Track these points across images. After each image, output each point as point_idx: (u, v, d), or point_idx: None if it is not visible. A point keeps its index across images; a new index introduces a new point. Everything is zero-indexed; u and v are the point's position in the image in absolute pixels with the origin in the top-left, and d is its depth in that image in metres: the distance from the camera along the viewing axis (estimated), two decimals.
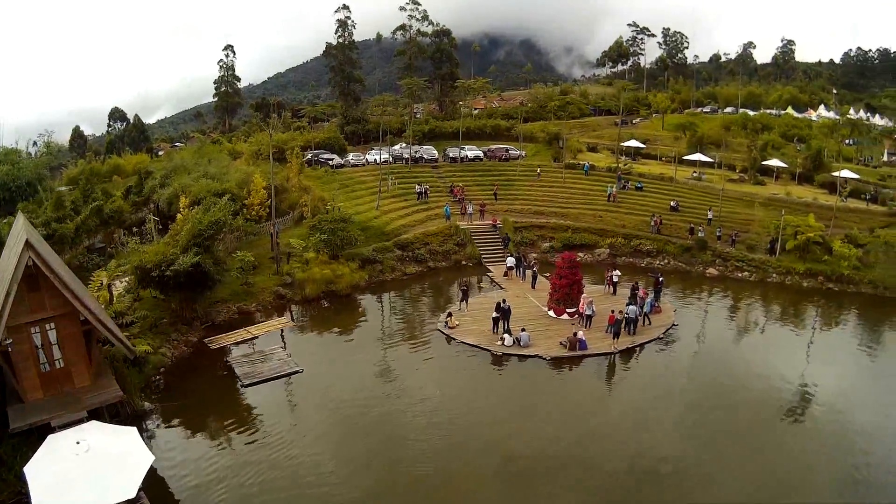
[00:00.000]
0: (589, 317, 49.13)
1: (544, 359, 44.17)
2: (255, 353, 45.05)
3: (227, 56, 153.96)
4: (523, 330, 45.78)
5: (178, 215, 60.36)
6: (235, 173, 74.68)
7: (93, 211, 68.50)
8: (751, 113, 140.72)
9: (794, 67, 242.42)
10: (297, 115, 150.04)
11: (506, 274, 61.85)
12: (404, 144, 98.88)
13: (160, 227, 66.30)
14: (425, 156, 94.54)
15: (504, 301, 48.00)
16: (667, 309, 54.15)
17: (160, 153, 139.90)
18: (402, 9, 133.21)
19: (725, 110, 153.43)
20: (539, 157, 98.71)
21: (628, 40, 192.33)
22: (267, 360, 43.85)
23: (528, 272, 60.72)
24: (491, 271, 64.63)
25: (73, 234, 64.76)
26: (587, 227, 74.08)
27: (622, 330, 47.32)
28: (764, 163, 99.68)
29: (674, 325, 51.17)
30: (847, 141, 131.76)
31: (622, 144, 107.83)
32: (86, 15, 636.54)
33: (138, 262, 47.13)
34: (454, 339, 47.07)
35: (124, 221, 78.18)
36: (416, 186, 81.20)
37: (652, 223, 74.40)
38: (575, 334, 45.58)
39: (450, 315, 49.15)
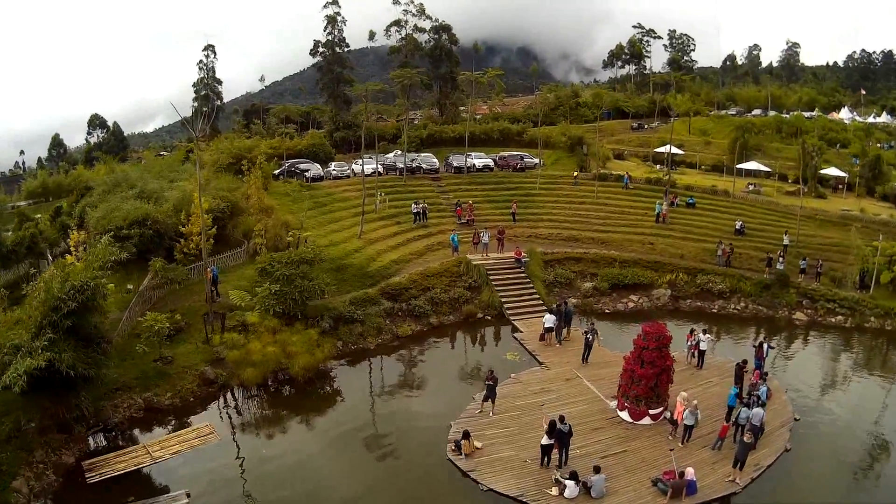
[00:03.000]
0: (689, 428, 28.17)
1: None
2: None
3: (207, 57, 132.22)
4: (597, 471, 24.49)
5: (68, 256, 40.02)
6: (173, 191, 53.48)
7: None
8: (784, 115, 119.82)
9: (803, 70, 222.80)
10: (288, 120, 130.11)
11: (542, 338, 40.31)
12: (399, 152, 77.70)
13: None
14: (424, 165, 73.43)
15: (563, 419, 26.45)
16: (775, 391, 33.32)
17: (143, 162, 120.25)
18: (396, 2, 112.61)
19: (753, 112, 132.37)
20: (560, 166, 77.76)
21: (627, 46, 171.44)
22: None
23: (566, 328, 41.05)
24: (520, 331, 43.02)
25: None
26: (637, 259, 53.06)
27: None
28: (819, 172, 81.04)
29: (795, 419, 31.22)
30: (879, 144, 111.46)
31: (656, 150, 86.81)
32: (82, 22, 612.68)
33: None
34: (477, 481, 25.68)
35: (41, 253, 57.56)
36: (413, 205, 59.76)
37: (719, 252, 54.18)
38: (681, 474, 24.40)
39: (465, 437, 27.46)
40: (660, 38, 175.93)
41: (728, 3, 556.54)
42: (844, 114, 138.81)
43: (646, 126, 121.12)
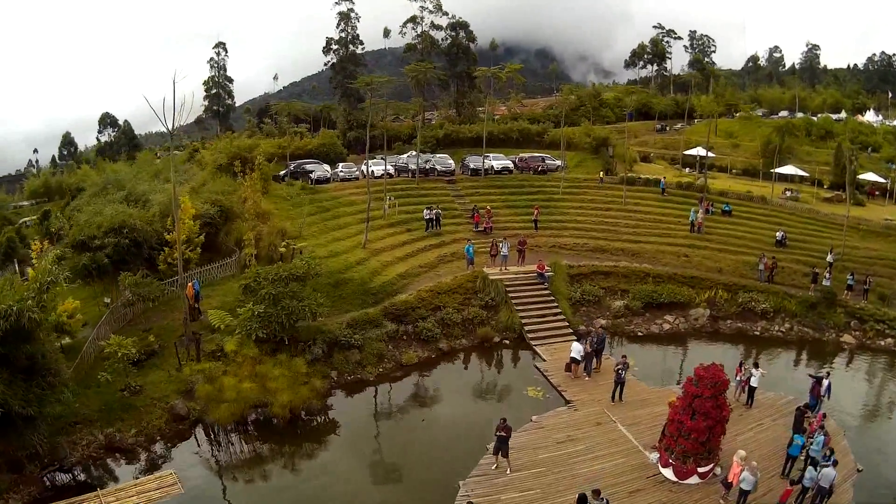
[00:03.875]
0: (745, 493, 22.30)
1: None
2: None
3: (217, 54, 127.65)
4: None
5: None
6: (160, 194, 48.17)
7: None
8: (813, 118, 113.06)
9: (825, 72, 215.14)
10: (300, 119, 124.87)
11: (569, 368, 34.19)
12: (413, 153, 72.07)
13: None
14: (438, 167, 66.97)
15: (598, 494, 20.60)
16: (833, 435, 26.86)
17: (157, 161, 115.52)
18: None
19: (780, 114, 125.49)
20: (584, 169, 71.67)
21: (650, 45, 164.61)
22: None
23: (596, 359, 34.67)
24: (543, 359, 36.72)
25: None
26: (672, 274, 46.83)
27: None
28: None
29: (858, 470, 25.77)
30: None
31: (685, 153, 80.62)
32: (98, 22, 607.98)
33: None
34: None
35: (22, 260, 52.61)
36: (425, 211, 53.51)
37: (760, 266, 48.04)
38: None
39: None
40: (680, 38, 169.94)
41: (744, 5, 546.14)
42: (870, 116, 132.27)
43: (668, 128, 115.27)
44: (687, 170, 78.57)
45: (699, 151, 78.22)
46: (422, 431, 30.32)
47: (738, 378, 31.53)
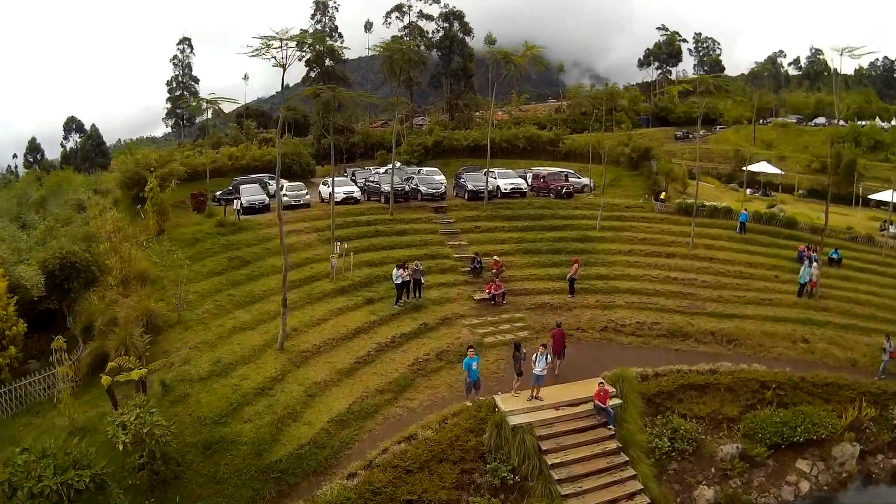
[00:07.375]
0: None
1: None
2: None
3: (181, 52, 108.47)
4: None
5: None
6: None
7: None
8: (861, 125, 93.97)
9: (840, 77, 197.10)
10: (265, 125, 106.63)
11: None
12: (383, 169, 52.62)
13: None
14: (423, 187, 45.37)
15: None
16: None
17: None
18: None
19: (816, 121, 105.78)
20: (621, 190, 50.90)
21: (664, 44, 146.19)
22: None
23: None
24: None
25: None
26: (798, 382, 26.51)
27: None
28: None
29: None
30: None
31: (749, 168, 60.62)
32: (93, 23, 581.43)
33: None
34: None
35: None
36: (395, 272, 30.37)
37: (885, 356, 28.57)
38: None
39: None
40: (685, 41, 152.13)
41: (744, 10, 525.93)
42: None
43: (691, 135, 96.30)
44: (749, 191, 58.64)
45: (764, 167, 58.68)
46: None
47: None
